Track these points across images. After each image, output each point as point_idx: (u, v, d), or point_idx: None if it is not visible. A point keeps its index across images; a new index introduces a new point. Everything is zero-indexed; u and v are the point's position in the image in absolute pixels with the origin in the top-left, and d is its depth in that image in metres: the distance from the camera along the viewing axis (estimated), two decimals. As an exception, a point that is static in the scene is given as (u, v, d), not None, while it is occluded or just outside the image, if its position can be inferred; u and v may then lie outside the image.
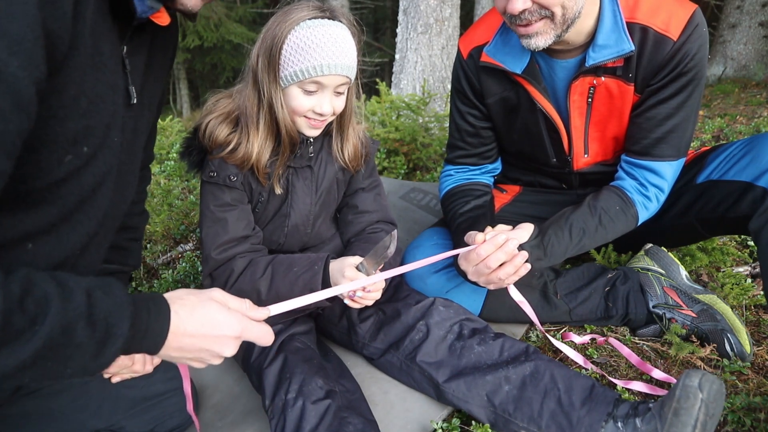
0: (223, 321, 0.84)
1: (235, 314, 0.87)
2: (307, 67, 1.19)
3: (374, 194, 1.57)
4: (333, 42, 1.20)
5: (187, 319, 0.82)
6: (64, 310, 0.67)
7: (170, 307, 0.81)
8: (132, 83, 0.91)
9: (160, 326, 0.79)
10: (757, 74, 6.21)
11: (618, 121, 1.48)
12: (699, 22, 1.33)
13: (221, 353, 0.85)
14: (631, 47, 1.33)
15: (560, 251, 1.40)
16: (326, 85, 1.23)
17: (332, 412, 1.14)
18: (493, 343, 1.32)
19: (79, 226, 0.85)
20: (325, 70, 1.20)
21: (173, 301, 0.82)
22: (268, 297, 1.30)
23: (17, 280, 0.65)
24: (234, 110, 1.33)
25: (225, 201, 1.33)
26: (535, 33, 1.30)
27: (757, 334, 1.53)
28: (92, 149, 0.80)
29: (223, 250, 1.33)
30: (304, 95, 1.24)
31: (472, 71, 1.58)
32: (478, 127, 1.66)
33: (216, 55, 11.33)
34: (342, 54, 1.21)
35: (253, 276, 1.31)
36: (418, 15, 4.41)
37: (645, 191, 1.46)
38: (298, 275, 1.29)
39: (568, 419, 1.14)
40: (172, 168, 3.07)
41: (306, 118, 1.28)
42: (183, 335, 0.81)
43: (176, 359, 0.85)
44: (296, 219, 1.44)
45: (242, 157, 1.29)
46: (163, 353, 0.81)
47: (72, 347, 0.68)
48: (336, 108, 1.29)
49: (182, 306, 0.82)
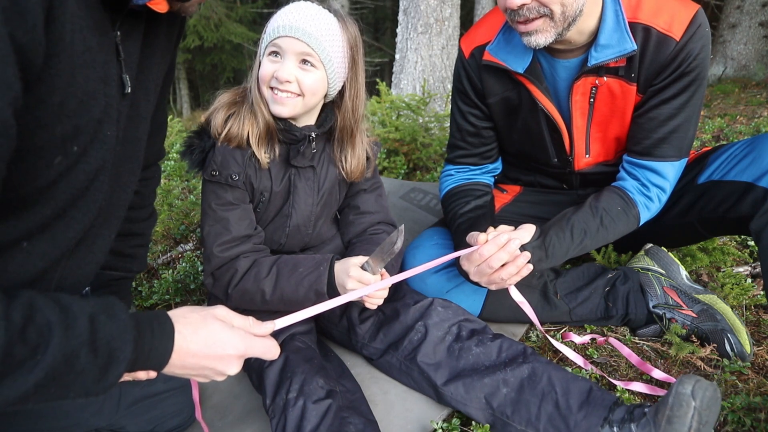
0: (226, 340, 0.85)
1: (239, 332, 0.87)
2: (269, 31, 1.25)
3: (376, 195, 1.57)
4: (297, 9, 1.24)
5: (191, 339, 0.82)
6: (67, 338, 0.66)
7: (174, 326, 0.81)
8: (126, 71, 0.88)
9: (164, 347, 0.79)
10: (757, 74, 6.22)
11: (620, 121, 1.48)
12: (701, 22, 1.32)
13: (225, 372, 0.86)
14: (633, 47, 1.32)
15: (562, 252, 1.40)
16: (285, 49, 1.25)
17: (333, 412, 1.14)
18: (491, 344, 1.31)
19: (73, 222, 0.84)
20: (281, 30, 1.23)
21: (176, 320, 0.82)
22: (272, 297, 1.31)
23: (19, 307, 0.64)
24: (236, 100, 1.35)
25: (227, 200, 1.33)
26: (534, 30, 1.29)
27: (757, 334, 1.53)
28: (82, 147, 0.78)
29: (226, 248, 1.33)
30: (269, 63, 1.27)
31: (474, 71, 1.58)
32: (479, 127, 1.66)
33: (216, 56, 11.33)
34: (303, 19, 1.23)
35: (258, 276, 1.31)
36: (418, 15, 4.41)
37: (647, 191, 1.46)
38: (304, 276, 1.29)
39: (565, 423, 1.14)
40: (172, 168, 3.07)
41: (271, 89, 1.29)
42: (186, 355, 0.81)
43: (180, 375, 0.86)
44: (298, 219, 1.44)
45: (238, 133, 1.31)
46: (166, 370, 0.82)
47: (74, 374, 0.68)
48: (301, 80, 1.27)
49: (186, 325, 0.82)
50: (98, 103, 0.80)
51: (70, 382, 0.68)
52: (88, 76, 0.76)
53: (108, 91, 0.82)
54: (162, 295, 1.88)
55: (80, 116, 0.76)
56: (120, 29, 0.84)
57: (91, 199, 0.86)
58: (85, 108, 0.76)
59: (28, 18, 0.61)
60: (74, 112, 0.74)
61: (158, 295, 1.88)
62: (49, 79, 0.68)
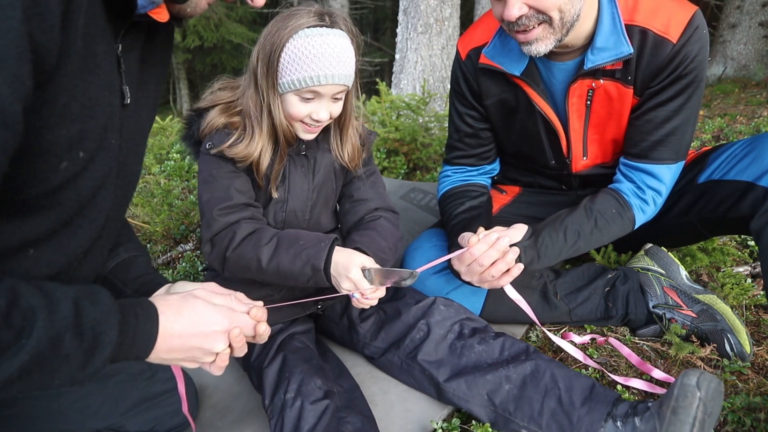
0: (210, 317, 0.86)
1: (221, 308, 0.89)
2: (304, 77, 1.20)
3: (370, 182, 1.54)
4: (331, 52, 1.19)
5: (174, 319, 0.82)
6: (51, 322, 0.67)
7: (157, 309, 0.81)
8: (126, 83, 0.90)
9: (148, 330, 0.79)
10: (757, 74, 6.22)
11: (617, 123, 1.48)
12: (699, 24, 1.31)
13: (212, 349, 0.86)
14: (629, 50, 1.32)
15: (554, 253, 1.40)
16: (324, 94, 1.24)
17: (330, 412, 1.14)
18: (493, 343, 1.32)
19: (80, 230, 0.85)
20: (323, 80, 1.20)
21: (158, 303, 0.82)
22: (268, 266, 1.26)
23: (2, 293, 0.64)
24: (236, 104, 1.33)
25: (229, 168, 1.31)
26: (534, 39, 1.29)
27: (757, 334, 1.53)
28: (89, 154, 0.79)
29: (227, 213, 1.29)
30: (301, 102, 1.25)
31: (471, 72, 1.58)
32: (477, 128, 1.66)
33: (216, 56, 11.34)
34: (339, 64, 1.21)
35: (258, 243, 1.27)
36: (418, 15, 4.41)
37: (642, 194, 1.46)
38: (304, 248, 1.25)
39: (568, 418, 1.14)
40: (172, 168, 3.07)
41: (303, 123, 1.29)
42: (172, 336, 0.82)
43: (168, 361, 0.85)
44: (294, 204, 1.42)
45: (245, 154, 1.28)
46: (153, 357, 0.81)
47: (59, 359, 0.68)
48: (333, 113, 1.29)
49: (168, 306, 0.83)
50: (103, 110, 0.81)
51: (55, 367, 0.68)
52: (91, 82, 0.77)
53: (111, 99, 0.83)
54: (162, 295, 1.88)
55: (84, 121, 0.76)
56: (122, 41, 0.86)
57: (98, 208, 0.87)
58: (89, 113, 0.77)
59: (47, 18, 0.63)
60: (77, 116, 0.75)
61: (158, 295, 1.87)
62: (57, 80, 0.69)
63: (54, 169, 0.74)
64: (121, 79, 0.88)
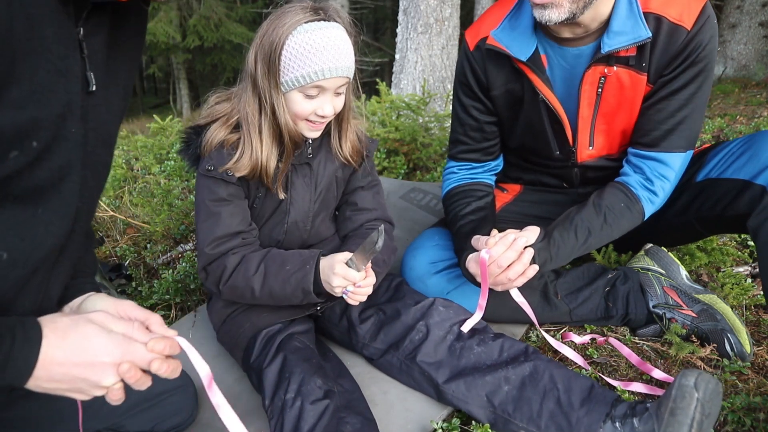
0: (99, 346, 0.75)
1: (115, 337, 0.77)
2: (308, 72, 1.20)
3: (373, 192, 1.57)
4: (332, 45, 1.20)
5: (57, 345, 0.72)
6: None
7: (42, 332, 0.72)
8: (90, 69, 0.83)
9: (25, 355, 0.69)
10: (757, 74, 6.22)
11: (628, 113, 1.47)
12: (710, 14, 1.34)
13: (99, 382, 0.75)
14: (648, 33, 1.32)
15: (567, 252, 1.40)
16: (327, 88, 1.25)
17: (330, 412, 1.14)
18: (492, 344, 1.32)
19: (51, 226, 0.80)
20: (327, 73, 1.21)
21: (45, 325, 0.74)
22: (261, 294, 1.32)
23: None
24: (234, 115, 1.33)
25: (220, 196, 1.33)
26: (550, 3, 1.28)
27: (757, 334, 1.53)
28: (43, 143, 0.74)
29: (216, 245, 1.33)
30: (305, 99, 1.25)
31: (479, 63, 1.57)
32: (482, 122, 1.65)
33: (216, 56, 11.35)
34: (341, 56, 1.22)
35: (246, 273, 1.31)
36: (418, 15, 4.41)
37: (650, 185, 1.45)
38: (291, 274, 1.30)
39: (567, 419, 1.14)
40: (172, 168, 3.07)
41: (307, 121, 1.29)
42: (52, 363, 0.72)
43: (52, 391, 0.76)
44: (295, 216, 1.44)
45: (251, 165, 1.29)
46: (32, 384, 0.72)
47: None
48: (336, 108, 1.30)
49: (53, 330, 0.74)
50: (58, 98, 0.75)
51: None
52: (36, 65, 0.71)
53: (70, 87, 0.78)
54: (162, 295, 1.88)
55: (37, 109, 0.72)
56: (83, 25, 0.80)
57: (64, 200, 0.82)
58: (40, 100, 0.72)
59: None
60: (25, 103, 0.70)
61: (158, 294, 1.88)
62: None
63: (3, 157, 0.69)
64: (84, 65, 0.81)
